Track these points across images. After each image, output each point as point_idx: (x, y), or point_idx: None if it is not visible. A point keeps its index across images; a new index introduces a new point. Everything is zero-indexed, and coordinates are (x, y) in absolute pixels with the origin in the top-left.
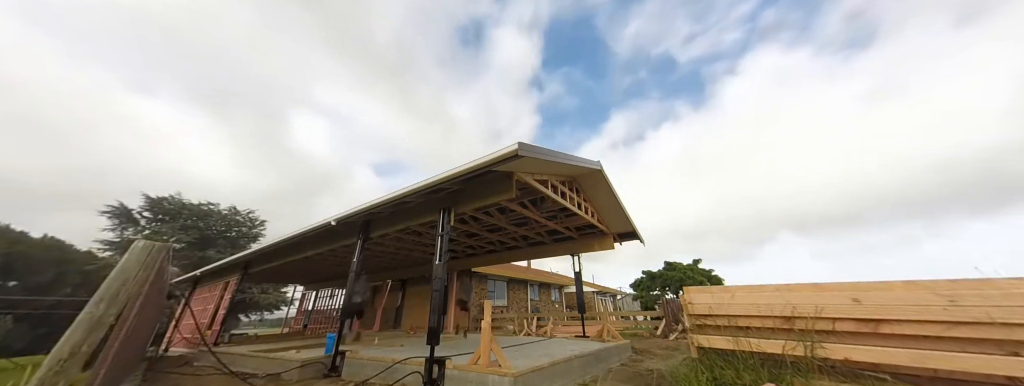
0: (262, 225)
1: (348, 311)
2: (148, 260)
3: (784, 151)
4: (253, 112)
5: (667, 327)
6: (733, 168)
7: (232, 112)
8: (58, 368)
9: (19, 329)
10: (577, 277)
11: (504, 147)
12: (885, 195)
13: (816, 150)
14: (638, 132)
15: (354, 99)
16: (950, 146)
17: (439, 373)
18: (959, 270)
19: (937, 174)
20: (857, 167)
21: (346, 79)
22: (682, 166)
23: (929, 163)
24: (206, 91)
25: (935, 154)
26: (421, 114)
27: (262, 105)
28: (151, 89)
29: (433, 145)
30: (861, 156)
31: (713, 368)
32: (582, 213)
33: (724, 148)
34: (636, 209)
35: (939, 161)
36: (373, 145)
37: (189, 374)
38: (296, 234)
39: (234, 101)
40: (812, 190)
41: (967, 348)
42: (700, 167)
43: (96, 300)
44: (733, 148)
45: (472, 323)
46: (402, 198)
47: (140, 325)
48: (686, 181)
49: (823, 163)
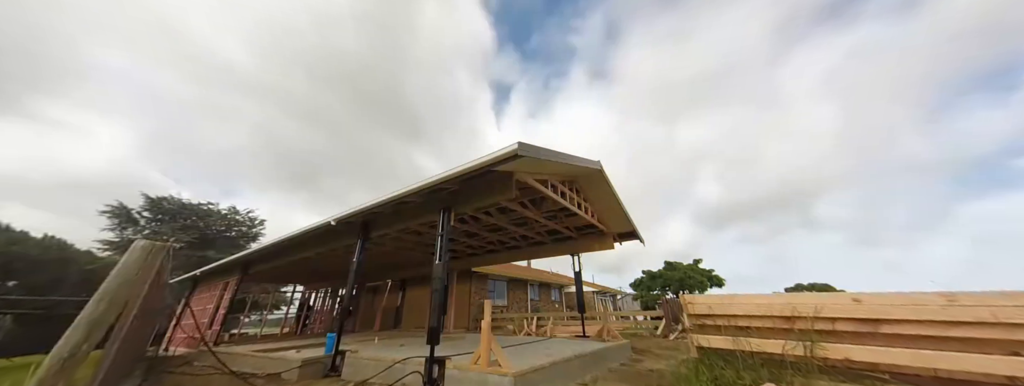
0: (262, 225)
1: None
2: (148, 260)
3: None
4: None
5: (667, 327)
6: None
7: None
8: (58, 368)
9: (19, 329)
10: (577, 277)
11: (504, 147)
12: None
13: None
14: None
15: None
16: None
17: (439, 373)
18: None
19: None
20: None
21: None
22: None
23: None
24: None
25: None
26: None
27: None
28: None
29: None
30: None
31: (713, 368)
32: (582, 213)
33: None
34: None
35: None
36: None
37: (189, 374)
38: (296, 234)
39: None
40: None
41: (967, 348)
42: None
43: (96, 300)
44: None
45: (472, 323)
46: (402, 198)
47: (140, 325)
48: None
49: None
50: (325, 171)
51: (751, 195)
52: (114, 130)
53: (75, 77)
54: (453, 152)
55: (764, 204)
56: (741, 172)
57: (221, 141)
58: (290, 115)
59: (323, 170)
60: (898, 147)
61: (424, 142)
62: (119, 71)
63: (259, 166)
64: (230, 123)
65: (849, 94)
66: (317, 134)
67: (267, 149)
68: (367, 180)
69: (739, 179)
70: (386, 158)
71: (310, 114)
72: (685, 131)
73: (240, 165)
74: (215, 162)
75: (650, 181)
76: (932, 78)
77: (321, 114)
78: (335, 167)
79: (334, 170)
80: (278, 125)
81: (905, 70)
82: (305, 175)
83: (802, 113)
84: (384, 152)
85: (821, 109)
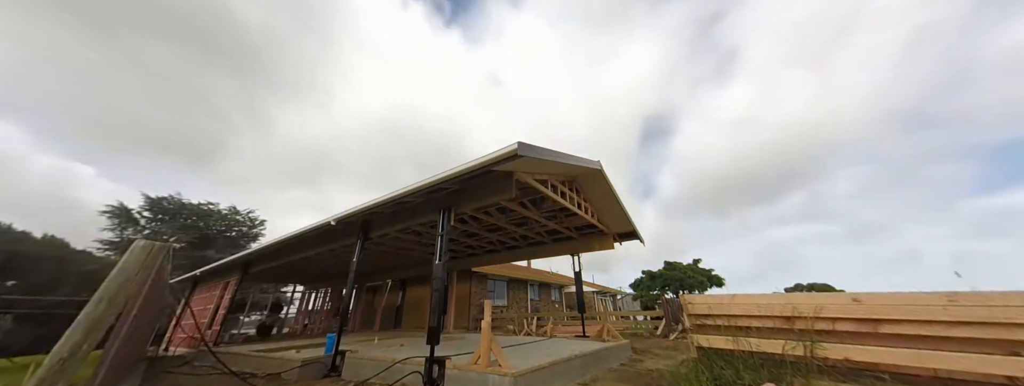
0: (262, 225)
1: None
2: (148, 260)
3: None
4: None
5: (667, 327)
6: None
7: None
8: (58, 368)
9: (19, 329)
10: (577, 277)
11: (504, 147)
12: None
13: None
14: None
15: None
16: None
17: (439, 373)
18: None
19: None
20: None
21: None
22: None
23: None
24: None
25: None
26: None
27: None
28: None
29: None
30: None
31: (713, 368)
32: (582, 213)
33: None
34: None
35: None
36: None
37: (189, 374)
38: (296, 234)
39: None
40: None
41: (967, 348)
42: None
43: (96, 300)
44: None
45: (472, 323)
46: (402, 198)
47: (140, 325)
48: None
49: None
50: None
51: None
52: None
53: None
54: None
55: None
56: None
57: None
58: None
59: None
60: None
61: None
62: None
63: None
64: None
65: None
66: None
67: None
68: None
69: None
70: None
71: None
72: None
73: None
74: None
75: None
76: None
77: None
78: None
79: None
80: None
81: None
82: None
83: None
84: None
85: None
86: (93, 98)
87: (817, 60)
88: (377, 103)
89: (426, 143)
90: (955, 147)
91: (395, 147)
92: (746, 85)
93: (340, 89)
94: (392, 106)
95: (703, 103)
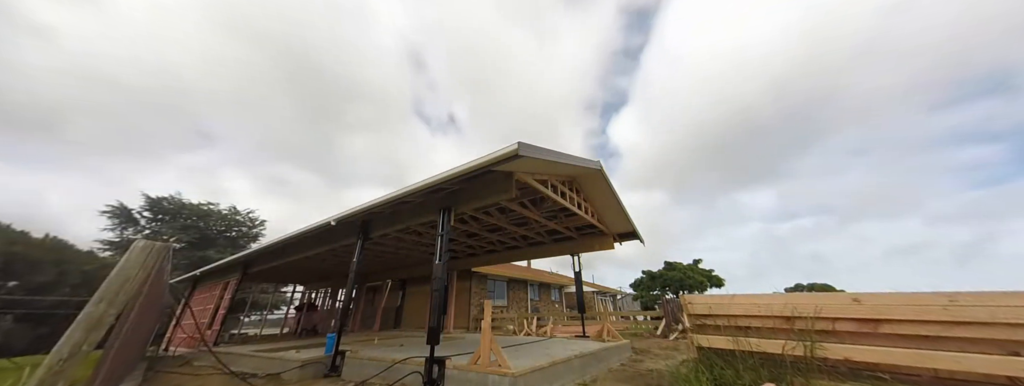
0: (262, 225)
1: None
2: (148, 260)
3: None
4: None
5: (667, 327)
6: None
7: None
8: (58, 368)
9: (19, 329)
10: (577, 277)
11: (504, 147)
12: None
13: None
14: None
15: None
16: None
17: (439, 373)
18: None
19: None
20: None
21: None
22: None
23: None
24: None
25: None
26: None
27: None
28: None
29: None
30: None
31: (713, 368)
32: (582, 213)
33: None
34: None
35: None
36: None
37: (189, 374)
38: (296, 234)
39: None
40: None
41: (967, 348)
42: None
43: (96, 300)
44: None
45: (472, 323)
46: (402, 198)
47: (140, 325)
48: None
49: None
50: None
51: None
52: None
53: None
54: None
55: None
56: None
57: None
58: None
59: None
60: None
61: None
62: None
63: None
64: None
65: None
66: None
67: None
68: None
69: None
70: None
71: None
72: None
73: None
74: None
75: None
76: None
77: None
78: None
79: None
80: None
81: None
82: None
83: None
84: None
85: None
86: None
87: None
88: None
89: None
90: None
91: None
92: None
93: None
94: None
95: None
